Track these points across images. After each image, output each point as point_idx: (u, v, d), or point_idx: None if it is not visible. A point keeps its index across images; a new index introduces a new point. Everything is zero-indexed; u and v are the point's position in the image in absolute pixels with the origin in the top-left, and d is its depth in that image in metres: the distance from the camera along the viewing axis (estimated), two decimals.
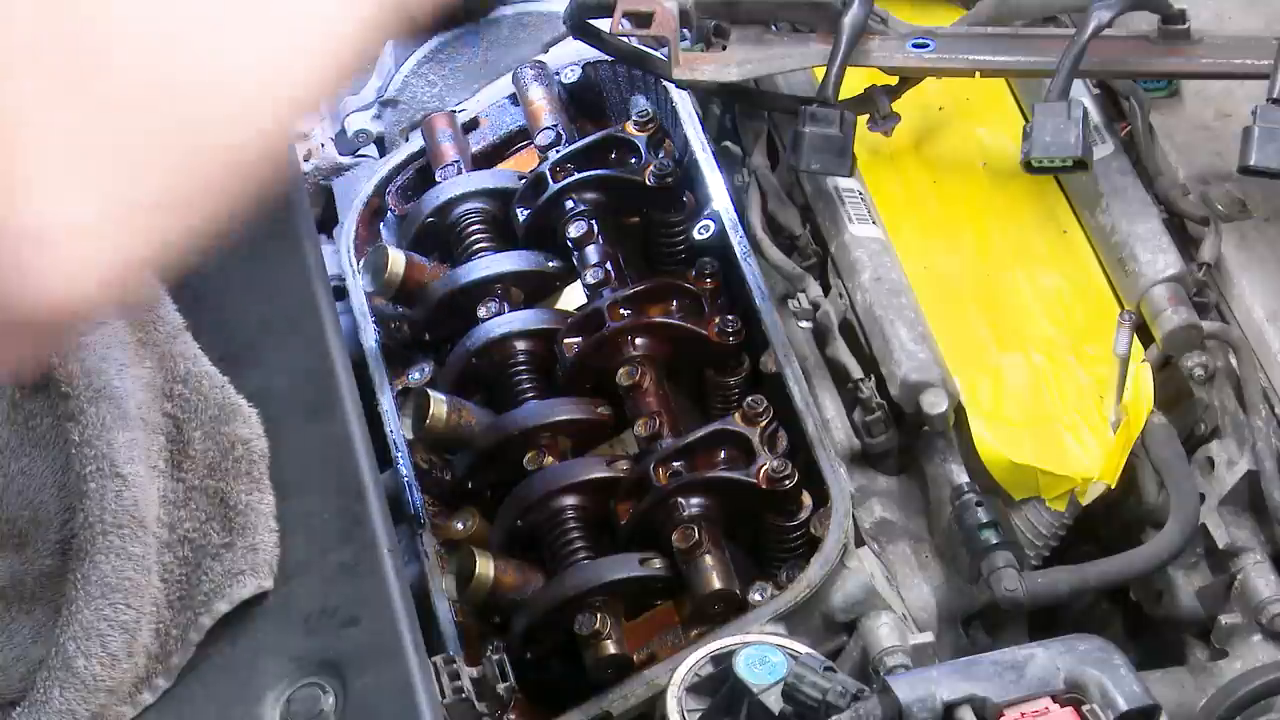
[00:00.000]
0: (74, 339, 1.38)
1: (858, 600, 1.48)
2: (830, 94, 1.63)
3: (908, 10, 1.73)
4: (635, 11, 1.67)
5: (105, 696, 1.32)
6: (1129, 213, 1.64)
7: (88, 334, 1.39)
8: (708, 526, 1.51)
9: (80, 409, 1.38)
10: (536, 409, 1.62)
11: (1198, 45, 1.62)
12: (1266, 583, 1.50)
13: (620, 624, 1.50)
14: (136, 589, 1.34)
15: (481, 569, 1.52)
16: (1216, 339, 1.57)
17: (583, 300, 1.69)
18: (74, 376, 1.38)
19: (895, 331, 1.58)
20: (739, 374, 1.63)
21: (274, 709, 1.30)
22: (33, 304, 1.03)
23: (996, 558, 1.48)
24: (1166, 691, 1.47)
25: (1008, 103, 1.78)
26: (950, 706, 1.25)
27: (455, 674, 1.34)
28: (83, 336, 1.38)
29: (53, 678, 1.32)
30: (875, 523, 1.56)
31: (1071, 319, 1.63)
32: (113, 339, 1.40)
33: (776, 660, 1.31)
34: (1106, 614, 1.63)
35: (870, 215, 1.68)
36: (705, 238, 1.70)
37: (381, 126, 2.06)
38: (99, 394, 1.37)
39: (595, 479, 1.56)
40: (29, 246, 1.02)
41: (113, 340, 1.40)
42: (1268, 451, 1.51)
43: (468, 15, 1.99)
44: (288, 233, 1.53)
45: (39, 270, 1.02)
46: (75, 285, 1.04)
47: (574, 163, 1.75)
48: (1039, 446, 1.54)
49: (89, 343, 1.39)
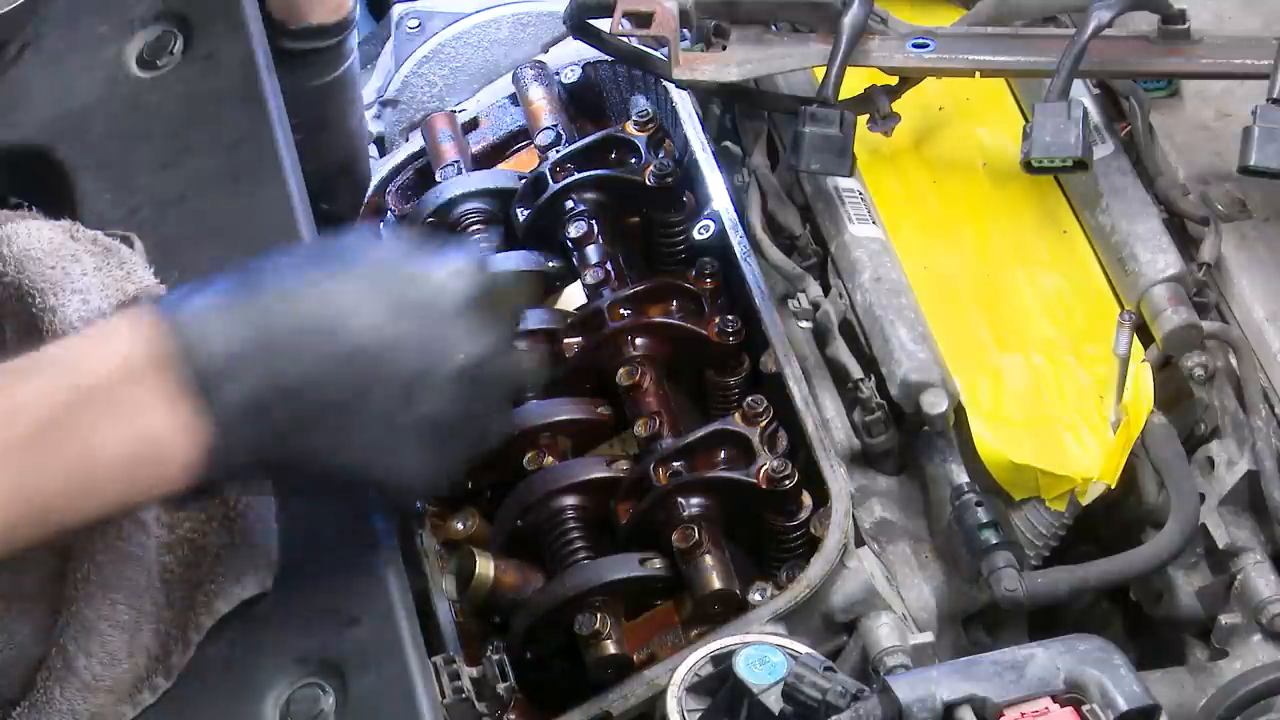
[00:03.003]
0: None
1: (858, 600, 1.48)
2: (830, 94, 1.63)
3: (908, 10, 1.73)
4: (635, 11, 1.67)
5: (105, 696, 1.32)
6: (1129, 213, 1.64)
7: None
8: (708, 526, 1.51)
9: None
10: (536, 409, 1.62)
11: (1198, 45, 1.62)
12: (1266, 583, 1.50)
13: (620, 624, 1.50)
14: (136, 589, 1.34)
15: (481, 569, 1.52)
16: (1216, 339, 1.57)
17: (583, 300, 1.69)
18: None
19: (895, 331, 1.58)
20: (739, 374, 1.63)
21: (274, 709, 1.30)
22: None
23: (996, 558, 1.48)
24: (1166, 691, 1.47)
25: (1008, 103, 1.78)
26: (950, 706, 1.25)
27: (455, 674, 1.34)
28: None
29: (53, 677, 1.32)
30: (875, 523, 1.56)
31: (1071, 319, 1.63)
32: None
33: (776, 660, 1.31)
34: (1106, 614, 1.63)
35: (870, 215, 1.68)
36: (705, 238, 1.70)
37: (381, 126, 2.07)
38: None
39: (595, 479, 1.56)
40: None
41: None
42: (1268, 451, 1.51)
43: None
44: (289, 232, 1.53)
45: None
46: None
47: (574, 163, 1.75)
48: (1039, 446, 1.54)
49: None
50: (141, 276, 1.45)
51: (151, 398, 1.23)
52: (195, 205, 1.52)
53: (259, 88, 1.56)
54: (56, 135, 1.60)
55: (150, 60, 1.62)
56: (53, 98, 1.63)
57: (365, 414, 1.27)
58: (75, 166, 1.58)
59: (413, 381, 1.28)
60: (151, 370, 1.24)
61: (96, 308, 1.41)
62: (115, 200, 1.54)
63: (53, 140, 1.60)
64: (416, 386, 1.28)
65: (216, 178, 1.53)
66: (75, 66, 1.64)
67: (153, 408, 1.23)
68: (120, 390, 1.23)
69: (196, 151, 1.55)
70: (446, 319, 1.30)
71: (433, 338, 1.29)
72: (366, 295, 1.29)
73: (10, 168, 1.62)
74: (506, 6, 2.05)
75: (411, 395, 1.28)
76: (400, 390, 1.28)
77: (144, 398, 1.23)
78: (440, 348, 1.30)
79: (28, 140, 1.61)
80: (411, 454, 1.30)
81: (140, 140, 1.58)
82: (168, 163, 1.55)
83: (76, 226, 1.47)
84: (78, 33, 1.67)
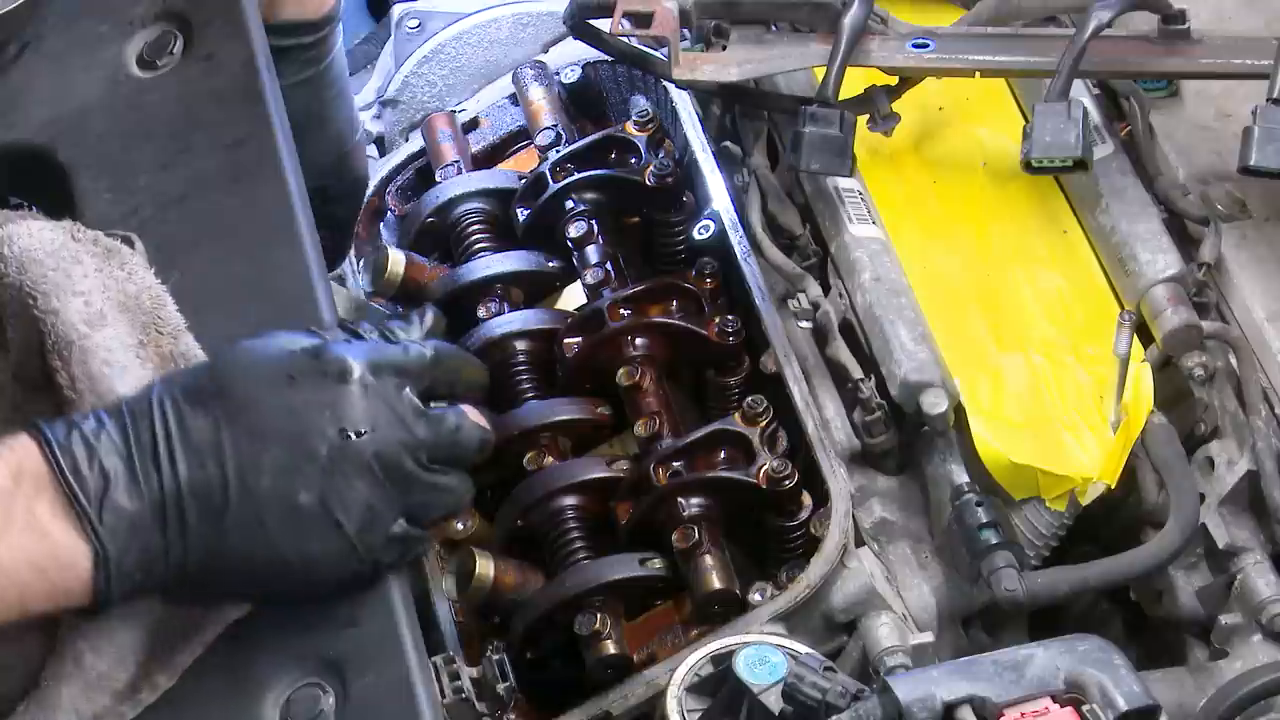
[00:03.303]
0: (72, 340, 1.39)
1: (858, 600, 1.48)
2: (830, 94, 1.63)
3: (908, 10, 1.73)
4: (635, 11, 1.67)
5: (108, 695, 1.32)
6: (1129, 213, 1.64)
7: (90, 337, 1.39)
8: (708, 526, 1.51)
9: (77, 407, 1.38)
10: (536, 409, 1.62)
11: (1198, 45, 1.62)
12: (1266, 583, 1.50)
13: (620, 624, 1.50)
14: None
15: (481, 569, 1.52)
16: (1216, 339, 1.57)
17: (583, 300, 1.69)
18: (76, 381, 1.38)
19: (895, 331, 1.58)
20: (739, 374, 1.63)
21: (274, 709, 1.30)
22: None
23: (996, 558, 1.48)
24: (1166, 691, 1.47)
25: (1008, 103, 1.78)
26: (950, 706, 1.25)
27: (455, 674, 1.34)
28: (84, 341, 1.39)
29: (57, 675, 1.32)
30: (875, 523, 1.56)
31: (1071, 319, 1.63)
32: (114, 342, 1.40)
33: (776, 660, 1.31)
34: (1106, 614, 1.63)
35: (870, 215, 1.68)
36: (705, 238, 1.70)
37: (381, 126, 2.07)
38: (100, 399, 1.37)
39: (595, 479, 1.57)
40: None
41: (114, 344, 1.40)
42: (1268, 451, 1.51)
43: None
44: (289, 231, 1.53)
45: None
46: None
47: (574, 163, 1.75)
48: (1039, 446, 1.54)
49: (91, 347, 1.39)
50: (143, 278, 1.45)
51: (48, 512, 1.25)
52: (195, 205, 1.52)
53: (259, 88, 1.55)
54: (56, 135, 1.60)
55: (150, 60, 1.62)
56: (53, 98, 1.63)
57: (258, 501, 1.27)
58: (75, 166, 1.58)
59: (294, 462, 1.28)
60: (41, 486, 1.26)
61: (98, 310, 1.41)
62: (115, 200, 1.54)
63: (53, 140, 1.60)
64: (299, 466, 1.28)
65: (216, 178, 1.53)
66: (75, 66, 1.64)
67: (51, 521, 1.25)
68: (17, 503, 1.26)
69: (196, 151, 1.55)
70: (326, 398, 1.30)
71: (310, 412, 1.29)
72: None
73: (10, 168, 1.62)
74: (506, 6, 2.05)
75: (297, 474, 1.28)
76: (285, 470, 1.28)
77: (41, 511, 1.26)
78: (317, 424, 1.29)
79: (28, 140, 1.61)
80: (327, 537, 1.29)
81: (140, 140, 1.58)
82: (168, 163, 1.55)
83: (78, 227, 1.47)
84: (78, 33, 1.66)
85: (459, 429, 1.35)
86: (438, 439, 1.34)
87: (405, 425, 1.31)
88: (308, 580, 1.31)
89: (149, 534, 1.27)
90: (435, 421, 1.34)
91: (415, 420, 1.32)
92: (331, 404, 1.29)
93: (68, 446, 1.27)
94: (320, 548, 1.29)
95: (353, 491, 1.29)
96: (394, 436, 1.30)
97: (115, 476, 1.26)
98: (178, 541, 1.27)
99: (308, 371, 1.31)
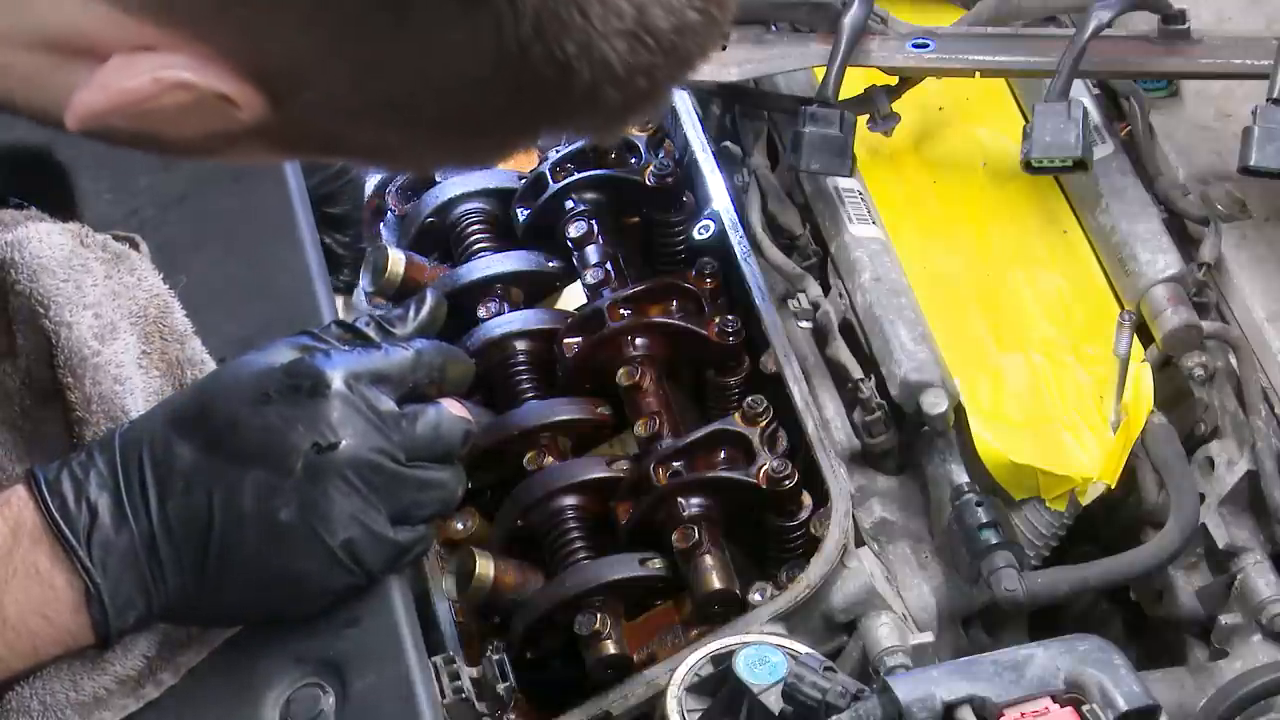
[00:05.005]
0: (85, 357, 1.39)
1: (858, 600, 1.48)
2: (830, 94, 1.63)
3: (908, 10, 1.73)
4: None
5: (111, 682, 1.32)
6: (1129, 213, 1.64)
7: (101, 354, 1.39)
8: (708, 526, 1.51)
9: (88, 427, 1.39)
10: (536, 409, 1.61)
11: (1198, 45, 1.62)
12: (1266, 583, 1.50)
13: (620, 624, 1.50)
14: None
15: (481, 569, 1.52)
16: (1216, 339, 1.57)
17: (583, 300, 1.69)
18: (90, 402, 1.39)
19: (895, 331, 1.58)
20: (739, 374, 1.63)
21: (274, 709, 1.30)
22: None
23: (996, 558, 1.48)
24: (1166, 691, 1.47)
25: (1008, 103, 1.78)
26: (950, 706, 1.25)
27: (455, 674, 1.34)
28: (96, 358, 1.39)
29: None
30: (875, 523, 1.56)
31: (1071, 319, 1.63)
32: (124, 355, 1.41)
33: (776, 660, 1.31)
34: (1106, 614, 1.63)
35: (870, 215, 1.68)
36: (705, 238, 1.69)
37: None
38: (113, 421, 1.37)
39: (595, 479, 1.56)
40: None
41: (124, 357, 1.41)
42: (1268, 451, 1.51)
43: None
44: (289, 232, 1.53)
45: None
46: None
47: (574, 163, 1.75)
48: (1039, 446, 1.54)
49: (102, 364, 1.39)
50: (152, 284, 1.45)
51: (47, 560, 1.27)
52: (195, 205, 1.52)
53: None
54: (56, 135, 1.60)
55: None
56: None
57: (242, 523, 1.28)
58: (75, 166, 1.58)
59: (272, 481, 1.29)
60: (38, 536, 1.27)
61: (109, 322, 1.41)
62: (115, 200, 1.54)
63: (53, 140, 1.59)
64: (277, 484, 1.29)
65: (216, 178, 1.53)
66: None
67: (50, 568, 1.27)
68: (17, 556, 1.27)
69: None
70: (301, 413, 1.30)
71: (285, 429, 1.29)
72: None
73: (10, 168, 1.62)
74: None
75: (276, 493, 1.28)
76: (264, 490, 1.28)
77: (40, 560, 1.27)
78: (291, 440, 1.29)
79: (28, 140, 1.61)
80: (312, 552, 1.30)
81: None
82: (168, 163, 1.55)
83: (86, 231, 1.47)
84: None
85: (439, 424, 1.36)
86: (417, 437, 1.35)
87: (380, 430, 1.32)
88: (300, 596, 1.32)
89: (141, 565, 1.28)
90: (413, 420, 1.35)
91: (392, 423, 1.33)
92: (306, 418, 1.30)
93: (57, 487, 1.29)
94: (306, 564, 1.30)
95: (330, 504, 1.29)
96: (368, 443, 1.31)
97: (102, 511, 1.27)
98: (173, 570, 1.28)
99: (283, 388, 1.31)
